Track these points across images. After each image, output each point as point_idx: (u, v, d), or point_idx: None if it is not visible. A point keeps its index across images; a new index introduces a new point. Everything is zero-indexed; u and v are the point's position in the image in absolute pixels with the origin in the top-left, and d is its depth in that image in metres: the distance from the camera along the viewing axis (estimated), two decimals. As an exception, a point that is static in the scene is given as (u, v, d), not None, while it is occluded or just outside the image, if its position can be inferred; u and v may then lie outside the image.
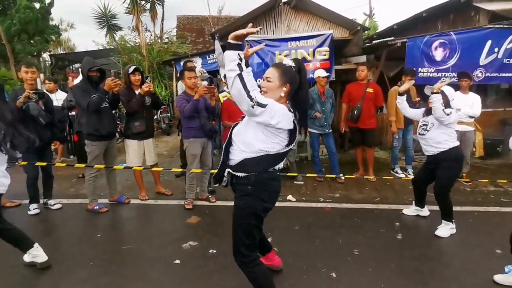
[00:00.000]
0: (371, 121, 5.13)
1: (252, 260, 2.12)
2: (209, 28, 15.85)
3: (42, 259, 2.71)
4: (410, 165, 5.48)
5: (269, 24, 7.13)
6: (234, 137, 2.08)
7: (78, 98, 3.83)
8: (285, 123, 1.92)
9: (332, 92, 5.22)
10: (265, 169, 2.01)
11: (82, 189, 4.72)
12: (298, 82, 2.00)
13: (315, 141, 5.17)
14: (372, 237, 3.36)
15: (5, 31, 11.38)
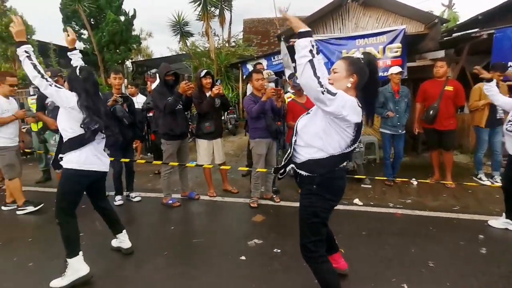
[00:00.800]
0: (450, 122, 4.67)
1: (319, 256, 2.12)
2: (274, 30, 16.01)
3: (127, 245, 3.03)
4: (498, 171, 4.86)
5: (336, 23, 6.94)
6: (299, 131, 2.09)
7: (156, 100, 4.20)
8: (354, 116, 1.87)
9: (408, 91, 4.87)
10: (329, 170, 2.00)
11: (158, 184, 5.15)
12: (367, 75, 1.95)
13: (387, 142, 4.89)
14: (450, 248, 3.07)
15: (97, 43, 12.96)
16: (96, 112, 2.56)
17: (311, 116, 2.07)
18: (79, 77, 2.59)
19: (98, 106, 2.61)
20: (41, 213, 4.14)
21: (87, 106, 2.52)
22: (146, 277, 2.71)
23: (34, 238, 3.48)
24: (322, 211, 2.05)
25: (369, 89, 1.99)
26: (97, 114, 2.57)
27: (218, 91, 4.16)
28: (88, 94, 2.56)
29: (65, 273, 2.56)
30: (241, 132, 9.75)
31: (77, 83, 2.59)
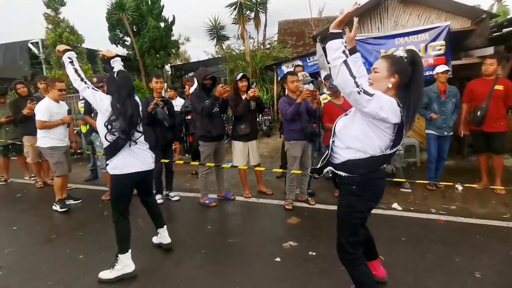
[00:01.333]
0: (500, 124, 4.35)
1: (356, 258, 2.09)
2: (309, 31, 15.87)
3: (167, 240, 3.18)
4: (556, 177, 4.46)
5: (374, 22, 6.74)
6: (338, 132, 2.07)
7: (194, 103, 4.35)
8: (393, 116, 1.82)
9: (457, 90, 4.59)
10: (370, 170, 1.97)
11: (195, 185, 5.32)
12: (409, 74, 1.87)
13: (432, 144, 4.64)
14: (500, 260, 2.87)
15: (139, 49, 13.62)
16: (122, 114, 2.63)
17: (350, 117, 2.05)
18: (115, 79, 2.73)
19: (126, 108, 2.65)
20: (89, 209, 4.45)
21: (116, 106, 2.64)
22: (185, 273, 2.82)
23: (84, 232, 3.74)
24: (361, 212, 2.03)
25: (412, 90, 1.89)
26: (123, 116, 2.63)
27: (254, 93, 4.22)
28: (120, 96, 2.66)
29: (114, 267, 2.74)
30: (276, 134, 9.77)
31: (112, 85, 2.73)
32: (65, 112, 4.54)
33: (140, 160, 2.80)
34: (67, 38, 9.63)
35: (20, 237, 3.71)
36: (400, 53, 1.93)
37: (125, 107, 2.65)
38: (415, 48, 5.66)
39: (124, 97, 2.67)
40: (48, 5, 10.01)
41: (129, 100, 2.72)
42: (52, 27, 10.06)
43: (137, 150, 2.79)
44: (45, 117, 4.25)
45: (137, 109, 2.80)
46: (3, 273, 2.94)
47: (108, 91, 2.75)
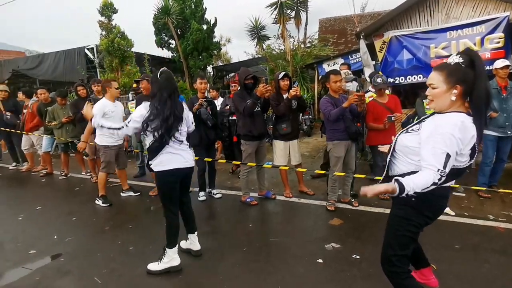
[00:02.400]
0: None
1: (402, 271, 1.96)
2: (351, 28, 15.42)
3: (196, 247, 3.14)
4: None
5: (423, 15, 6.35)
6: (401, 149, 1.89)
7: (236, 103, 4.41)
8: (468, 140, 1.67)
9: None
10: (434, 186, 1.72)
11: (236, 183, 5.41)
12: (472, 78, 1.66)
13: (490, 146, 4.24)
14: None
15: (182, 51, 14.16)
16: (160, 114, 2.68)
17: (415, 138, 1.82)
18: (158, 79, 2.81)
19: (165, 109, 2.70)
20: (138, 204, 4.71)
21: (155, 106, 2.72)
22: (227, 270, 2.87)
23: (134, 225, 3.97)
24: (415, 226, 1.89)
25: (476, 92, 1.67)
26: (160, 116, 2.68)
27: (295, 93, 4.18)
28: (162, 96, 2.71)
29: (161, 260, 2.87)
30: (317, 133, 9.61)
31: (155, 85, 2.82)
32: (120, 111, 4.81)
33: (183, 157, 2.86)
34: (118, 43, 10.24)
35: (78, 227, 4.02)
36: (454, 59, 1.71)
37: (165, 107, 2.70)
38: (469, 41, 5.28)
39: (165, 97, 2.72)
40: (102, 13, 10.73)
41: (170, 100, 2.76)
42: (105, 33, 10.78)
43: (180, 148, 2.86)
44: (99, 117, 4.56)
45: (180, 109, 2.84)
46: (65, 260, 3.22)
47: (151, 90, 2.87)
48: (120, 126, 2.79)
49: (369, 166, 5.26)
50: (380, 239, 3.18)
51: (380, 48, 5.98)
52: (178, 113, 2.82)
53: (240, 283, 2.68)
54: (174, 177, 2.85)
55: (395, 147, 1.93)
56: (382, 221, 3.64)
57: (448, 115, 1.71)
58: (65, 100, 6.21)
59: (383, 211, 3.97)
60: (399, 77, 5.84)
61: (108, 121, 2.96)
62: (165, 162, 2.79)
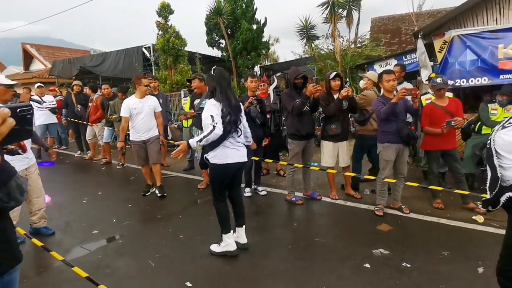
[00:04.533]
0: None
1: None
2: (406, 27, 14.65)
3: (243, 240, 3.18)
4: None
5: (490, 13, 5.85)
6: (505, 147, 1.60)
7: (284, 102, 4.43)
8: None
9: None
10: None
11: (281, 181, 5.44)
12: None
13: None
14: None
15: (232, 50, 14.48)
16: (227, 104, 2.84)
17: None
18: (213, 75, 2.98)
19: (230, 97, 2.89)
20: (188, 196, 4.93)
21: (221, 97, 2.87)
22: (272, 265, 2.92)
23: (183, 215, 4.18)
24: None
25: None
26: (228, 105, 2.84)
27: (347, 93, 4.10)
28: (222, 87, 2.90)
29: (220, 243, 3.08)
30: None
31: (211, 81, 2.98)
32: (147, 107, 4.73)
33: (239, 151, 3.01)
34: (173, 42, 10.78)
35: (134, 214, 4.34)
36: None
37: (228, 96, 2.89)
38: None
39: (225, 88, 2.92)
40: (159, 14, 11.37)
41: (230, 90, 2.94)
42: (162, 33, 11.39)
43: (236, 143, 3.01)
44: (125, 114, 4.67)
45: (236, 99, 3.00)
46: (123, 242, 3.50)
47: (210, 86, 3.01)
48: (208, 131, 2.78)
49: (422, 173, 4.98)
50: (432, 249, 3.05)
51: (440, 48, 5.63)
52: (238, 103, 2.99)
53: (285, 279, 2.71)
54: (228, 170, 2.99)
55: (496, 150, 1.64)
56: (434, 230, 3.50)
57: None
58: (125, 95, 6.68)
59: (436, 220, 3.76)
60: (461, 79, 5.45)
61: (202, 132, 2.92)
62: (221, 156, 2.93)
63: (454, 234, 3.42)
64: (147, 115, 4.74)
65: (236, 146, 3.00)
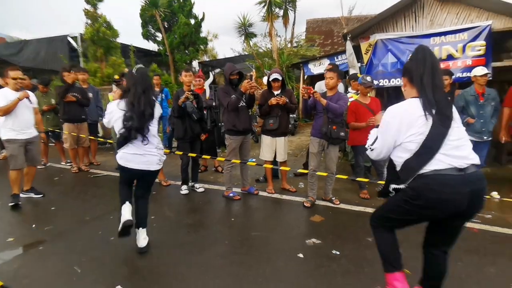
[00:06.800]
0: (544, 130, 4.10)
1: (375, 225, 2.21)
2: (338, 30, 15.62)
3: (140, 244, 3.03)
4: None
5: (408, 20, 6.50)
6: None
7: (220, 98, 4.39)
8: None
9: (496, 93, 4.36)
10: None
11: (219, 178, 5.39)
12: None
13: None
14: (538, 273, 2.70)
15: (169, 45, 13.95)
16: (136, 109, 2.75)
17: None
18: (133, 75, 2.88)
19: (140, 104, 2.76)
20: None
21: (130, 101, 2.77)
22: (209, 262, 2.87)
23: (115, 217, 3.88)
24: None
25: None
26: (136, 111, 2.75)
27: (277, 102, 4.22)
28: (136, 91, 2.78)
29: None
30: (300, 132, 9.72)
31: (130, 80, 2.87)
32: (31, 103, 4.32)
33: (145, 158, 2.88)
34: (103, 33, 10.01)
35: (57, 217, 3.92)
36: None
37: (139, 101, 2.77)
38: (451, 48, 5.46)
39: (139, 93, 2.79)
40: (88, 1, 10.45)
41: (144, 96, 2.80)
42: (91, 22, 10.50)
43: (145, 149, 2.87)
44: (2, 103, 4.02)
45: (151, 107, 2.86)
46: (44, 249, 3.14)
47: (126, 85, 2.90)
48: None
49: (350, 167, 5.34)
50: (360, 236, 3.27)
51: (366, 50, 6.10)
52: (151, 110, 2.86)
53: (221, 274, 2.68)
54: (129, 174, 2.93)
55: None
56: (361, 219, 3.75)
57: None
58: (47, 88, 6.02)
59: (364, 210, 4.05)
60: (384, 79, 5.97)
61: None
62: (123, 158, 2.86)
63: (378, 220, 3.72)
64: (25, 107, 4.22)
65: (143, 152, 2.87)
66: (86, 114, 6.00)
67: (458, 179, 1.80)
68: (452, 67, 5.42)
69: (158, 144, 3.01)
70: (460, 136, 1.88)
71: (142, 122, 2.78)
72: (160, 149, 3.01)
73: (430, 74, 1.86)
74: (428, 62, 1.88)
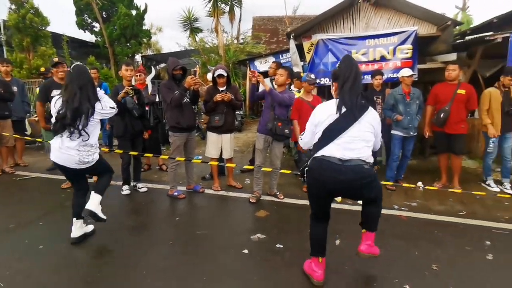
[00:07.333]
0: (461, 126, 4.61)
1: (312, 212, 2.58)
2: (283, 28, 16.00)
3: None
4: (508, 178, 4.78)
5: (346, 22, 6.89)
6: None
7: (163, 94, 4.23)
8: None
9: (420, 92, 4.81)
10: None
11: (164, 176, 5.22)
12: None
13: (397, 144, 4.80)
14: (455, 253, 3.04)
15: (108, 36, 13.07)
16: (69, 105, 2.75)
17: None
18: (70, 72, 2.90)
19: (73, 100, 2.76)
20: (50, 198, 4.22)
21: (66, 100, 2.78)
22: (151, 264, 2.76)
23: (45, 222, 3.55)
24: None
25: None
26: (69, 107, 2.74)
27: (222, 98, 4.20)
28: (72, 88, 2.78)
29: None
30: (247, 129, 9.79)
31: (67, 77, 2.92)
32: None
33: (64, 155, 2.87)
34: (31, 20, 9.02)
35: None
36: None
37: (73, 100, 2.76)
38: (384, 50, 5.89)
39: (74, 90, 2.78)
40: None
41: (81, 92, 2.79)
42: (15, 7, 9.41)
43: (66, 145, 2.84)
44: None
45: (90, 102, 2.84)
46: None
47: (64, 83, 2.92)
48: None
49: (294, 162, 5.52)
50: (303, 228, 3.39)
51: (308, 49, 6.31)
52: (89, 105, 2.82)
53: (164, 276, 2.60)
54: (58, 166, 2.98)
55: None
56: (303, 212, 3.88)
57: None
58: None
59: (306, 203, 4.17)
60: (325, 78, 6.25)
61: None
62: (52, 151, 2.93)
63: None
64: None
65: (64, 148, 2.84)
66: (10, 110, 5.39)
67: (335, 167, 2.21)
68: (384, 67, 5.85)
69: (88, 144, 2.90)
70: (357, 135, 2.23)
71: (74, 118, 2.76)
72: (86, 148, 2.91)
73: (352, 81, 2.23)
74: (353, 71, 2.25)
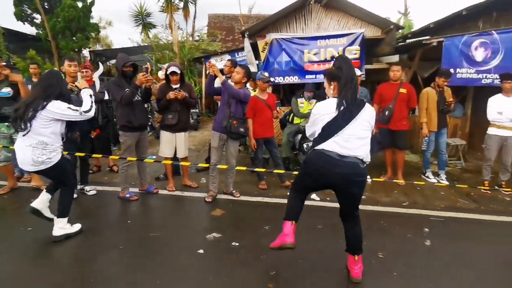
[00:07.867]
0: (403, 123, 4.96)
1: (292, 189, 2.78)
2: (239, 27, 16.03)
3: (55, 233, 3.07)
4: (443, 170, 5.24)
5: (299, 22, 7.08)
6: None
7: (112, 92, 4.02)
8: None
9: (367, 91, 5.08)
10: None
11: (114, 178, 4.97)
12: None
13: None
14: (398, 241, 3.28)
15: (51, 29, 12.09)
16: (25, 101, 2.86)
17: None
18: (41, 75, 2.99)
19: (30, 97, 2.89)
20: None
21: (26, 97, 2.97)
22: (100, 271, 2.62)
23: None
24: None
25: None
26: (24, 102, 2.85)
27: (175, 96, 4.10)
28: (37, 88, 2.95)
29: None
30: (203, 127, 9.67)
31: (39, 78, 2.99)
32: None
33: (19, 154, 2.90)
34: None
35: None
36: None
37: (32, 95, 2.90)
38: (334, 51, 6.14)
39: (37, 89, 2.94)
40: None
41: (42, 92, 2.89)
42: None
43: (20, 141, 2.89)
44: None
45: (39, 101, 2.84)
46: None
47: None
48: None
49: (250, 159, 5.55)
50: (258, 226, 3.44)
51: (263, 48, 6.39)
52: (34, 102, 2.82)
53: (115, 283, 2.48)
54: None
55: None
56: (259, 209, 3.94)
57: None
58: None
59: (262, 200, 4.27)
60: (279, 77, 6.37)
61: None
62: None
63: (275, 209, 3.94)
64: None
65: (19, 147, 2.90)
66: None
67: (333, 161, 2.35)
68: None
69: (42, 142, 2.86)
70: (353, 133, 2.36)
71: (26, 111, 2.79)
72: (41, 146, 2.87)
73: (351, 81, 2.40)
74: (353, 71, 2.46)
